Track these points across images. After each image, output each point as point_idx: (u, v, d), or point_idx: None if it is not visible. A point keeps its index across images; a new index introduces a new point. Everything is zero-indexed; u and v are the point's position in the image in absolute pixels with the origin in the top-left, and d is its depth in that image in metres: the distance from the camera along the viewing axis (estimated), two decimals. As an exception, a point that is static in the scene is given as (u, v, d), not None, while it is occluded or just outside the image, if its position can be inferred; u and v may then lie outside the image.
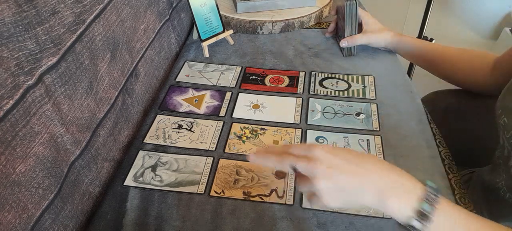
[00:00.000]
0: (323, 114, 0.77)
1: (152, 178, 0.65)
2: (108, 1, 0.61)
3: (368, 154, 0.48)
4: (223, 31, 0.96)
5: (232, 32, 0.98)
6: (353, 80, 0.86)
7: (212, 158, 0.69)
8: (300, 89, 0.84)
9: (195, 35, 1.00)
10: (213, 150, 0.70)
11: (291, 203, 0.61)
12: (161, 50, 0.88)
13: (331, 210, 0.60)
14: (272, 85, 0.85)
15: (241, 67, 0.91)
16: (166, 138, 0.72)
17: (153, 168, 0.67)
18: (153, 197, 0.62)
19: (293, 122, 0.76)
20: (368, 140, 0.71)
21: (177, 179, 0.65)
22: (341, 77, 0.87)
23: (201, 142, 0.72)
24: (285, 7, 1.06)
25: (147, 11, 0.78)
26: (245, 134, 0.73)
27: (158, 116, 0.77)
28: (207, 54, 0.94)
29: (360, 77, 0.87)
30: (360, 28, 0.93)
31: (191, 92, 0.84)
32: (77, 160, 0.56)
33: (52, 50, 0.49)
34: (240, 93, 0.83)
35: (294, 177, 0.63)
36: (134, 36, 0.73)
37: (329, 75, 0.88)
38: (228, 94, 0.83)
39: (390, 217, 0.58)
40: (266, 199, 0.62)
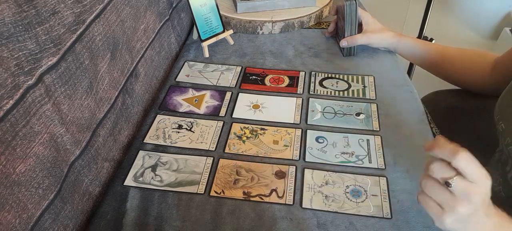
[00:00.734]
0: (323, 114, 0.77)
1: (152, 178, 0.65)
2: (108, 1, 0.61)
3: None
4: (223, 31, 0.96)
5: (232, 32, 0.98)
6: (353, 80, 0.86)
7: (212, 158, 0.69)
8: (300, 89, 0.84)
9: (195, 35, 1.00)
10: (213, 150, 0.70)
11: (291, 203, 0.61)
12: (161, 50, 0.88)
13: (331, 210, 0.60)
14: (272, 85, 0.85)
15: (241, 67, 0.91)
16: (166, 138, 0.72)
17: (153, 168, 0.67)
18: (153, 197, 0.62)
19: (293, 122, 0.76)
20: (368, 140, 0.71)
21: (177, 179, 0.65)
22: (341, 77, 0.87)
23: (201, 142, 0.72)
24: (285, 7, 1.06)
25: (147, 11, 0.78)
26: (245, 134, 0.73)
27: (158, 115, 0.77)
28: (207, 54, 0.94)
29: (360, 77, 0.87)
30: (360, 28, 0.93)
31: (191, 92, 0.84)
32: (77, 160, 0.56)
33: (52, 50, 0.49)
34: (240, 93, 0.83)
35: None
36: (134, 36, 0.73)
37: (329, 75, 0.88)
38: (228, 94, 0.83)
39: (390, 217, 0.58)
40: (266, 199, 0.62)
